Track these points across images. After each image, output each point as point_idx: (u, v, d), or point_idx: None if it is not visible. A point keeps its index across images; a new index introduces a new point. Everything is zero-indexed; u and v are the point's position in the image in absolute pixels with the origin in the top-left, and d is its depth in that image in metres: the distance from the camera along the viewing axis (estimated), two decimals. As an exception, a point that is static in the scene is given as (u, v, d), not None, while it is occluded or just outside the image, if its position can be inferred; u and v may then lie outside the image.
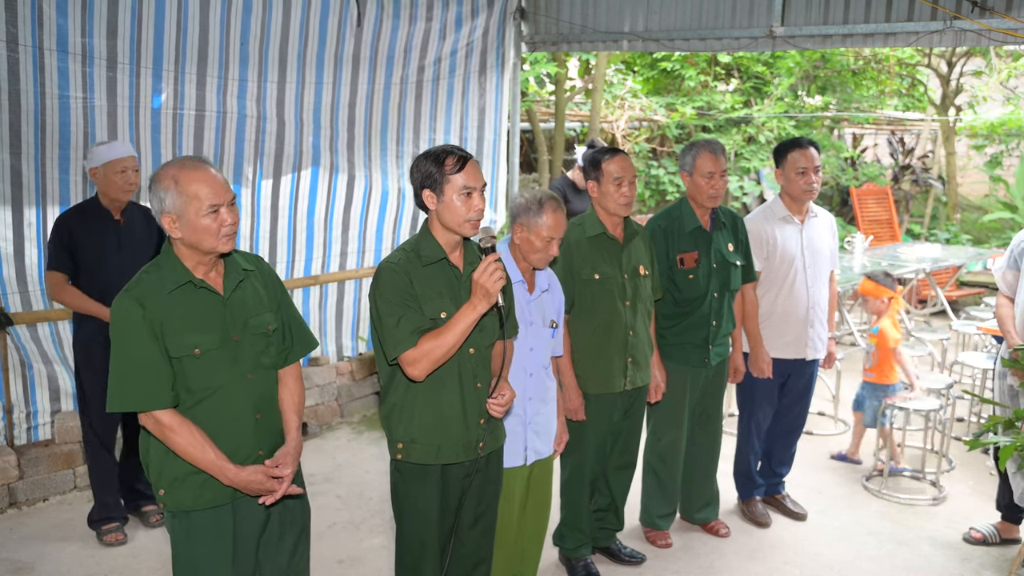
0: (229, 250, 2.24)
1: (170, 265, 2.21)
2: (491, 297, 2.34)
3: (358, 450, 4.95)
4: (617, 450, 3.55)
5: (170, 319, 2.17)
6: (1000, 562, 3.75)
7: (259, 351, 2.32)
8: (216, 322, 2.23)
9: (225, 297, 2.27)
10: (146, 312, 2.14)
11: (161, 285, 2.18)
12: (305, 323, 2.52)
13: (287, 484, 2.33)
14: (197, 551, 2.30)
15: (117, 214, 3.65)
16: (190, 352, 2.18)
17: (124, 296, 2.16)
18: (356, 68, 5.30)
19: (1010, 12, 4.63)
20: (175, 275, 2.20)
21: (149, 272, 2.21)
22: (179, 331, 2.17)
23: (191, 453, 2.19)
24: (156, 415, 2.17)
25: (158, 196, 2.16)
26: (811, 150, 3.78)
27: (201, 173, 2.17)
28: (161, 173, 2.18)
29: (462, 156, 2.41)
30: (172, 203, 2.15)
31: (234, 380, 2.25)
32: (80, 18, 4.06)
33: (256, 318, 2.31)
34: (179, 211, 2.15)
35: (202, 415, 2.22)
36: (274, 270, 2.49)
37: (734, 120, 11.25)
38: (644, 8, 5.85)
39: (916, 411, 4.45)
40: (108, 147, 3.60)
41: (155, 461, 2.27)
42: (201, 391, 2.21)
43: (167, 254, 2.24)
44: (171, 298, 2.18)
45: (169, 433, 2.18)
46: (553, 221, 2.86)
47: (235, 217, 2.22)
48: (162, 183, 2.16)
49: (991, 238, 10.89)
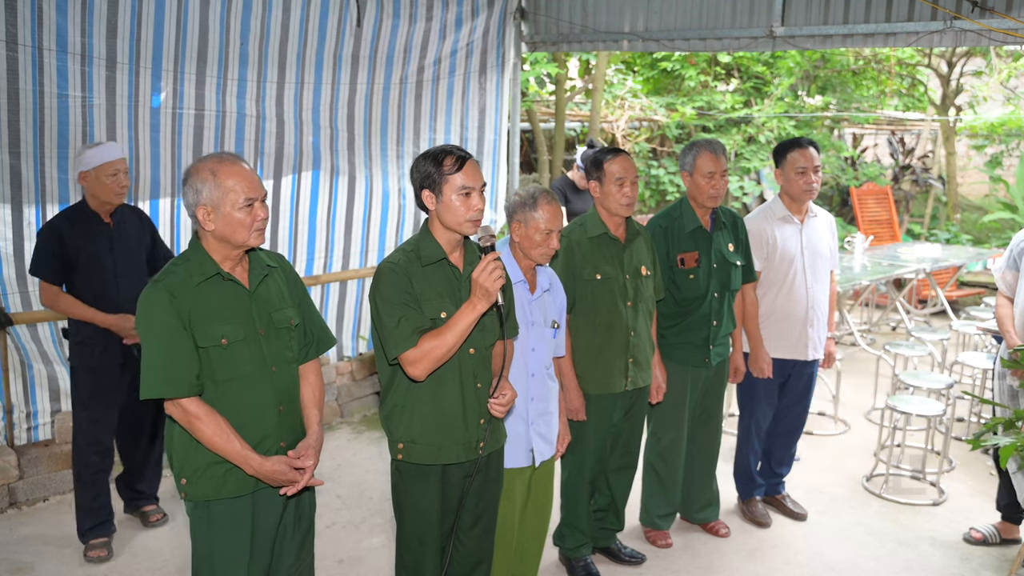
0: (259, 244, 2.31)
1: (199, 258, 2.26)
2: (490, 296, 2.35)
3: (358, 450, 4.95)
4: (618, 450, 3.55)
5: (198, 309, 2.22)
6: (1000, 562, 3.75)
7: (282, 345, 2.36)
8: (242, 314, 2.29)
9: (251, 291, 2.32)
10: (175, 302, 2.19)
11: (190, 277, 2.24)
12: (324, 321, 2.57)
13: (308, 475, 2.36)
14: (217, 542, 2.33)
15: (107, 217, 3.57)
16: (217, 342, 2.23)
17: (153, 287, 2.21)
18: (355, 68, 5.30)
19: (1010, 12, 4.63)
20: (203, 268, 2.25)
21: (178, 264, 2.27)
22: (207, 321, 2.22)
23: (216, 442, 2.22)
24: (183, 403, 2.21)
25: (194, 188, 2.21)
26: (811, 150, 3.78)
27: (238, 168, 2.24)
28: (198, 166, 2.23)
29: (461, 156, 2.41)
30: (208, 195, 2.20)
31: (258, 372, 2.30)
32: (80, 17, 4.05)
33: (279, 313, 2.37)
34: (215, 203, 2.20)
35: (227, 406, 2.26)
36: (294, 269, 2.54)
37: (734, 120, 11.25)
38: (644, 8, 5.85)
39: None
40: (98, 150, 3.49)
41: (179, 451, 2.30)
42: (226, 382, 2.25)
43: (195, 248, 2.29)
44: (199, 290, 2.24)
45: (195, 421, 2.21)
46: (549, 213, 2.86)
47: (266, 213, 2.28)
48: (199, 175, 2.21)
49: (991, 238, 10.88)
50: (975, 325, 5.87)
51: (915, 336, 5.83)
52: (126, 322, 3.54)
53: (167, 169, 4.58)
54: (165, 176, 4.58)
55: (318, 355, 2.53)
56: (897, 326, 8.00)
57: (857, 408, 5.69)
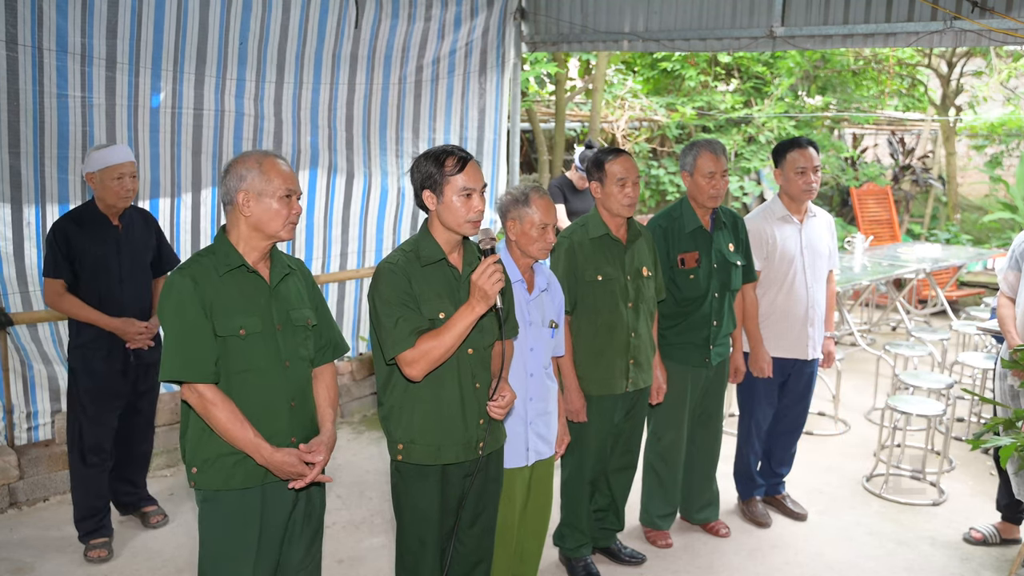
0: (289, 239, 2.38)
1: (224, 250, 2.33)
2: (489, 299, 2.35)
3: (358, 450, 4.95)
4: (618, 451, 3.55)
5: (220, 299, 2.27)
6: (1000, 562, 3.75)
7: (298, 342, 2.40)
8: (262, 308, 2.34)
9: (272, 286, 2.37)
10: (198, 289, 2.25)
11: (214, 267, 2.30)
12: (339, 329, 2.63)
13: (318, 471, 2.38)
14: (224, 534, 2.35)
15: (115, 219, 3.56)
16: (236, 332, 2.27)
17: (178, 273, 2.28)
18: (354, 67, 5.29)
19: (1010, 12, 4.63)
20: (228, 259, 2.31)
21: (203, 255, 2.34)
22: (227, 311, 2.27)
23: (230, 429, 2.26)
24: (200, 388, 2.25)
25: (238, 174, 2.29)
26: (810, 150, 3.78)
27: (281, 163, 2.35)
28: (245, 156, 2.33)
29: (463, 157, 2.41)
30: (252, 181, 2.29)
31: (272, 366, 2.34)
32: (80, 18, 4.05)
33: (297, 311, 2.41)
34: (259, 190, 2.29)
35: (241, 397, 2.30)
36: (312, 275, 2.59)
37: (734, 120, 11.25)
38: (644, 8, 5.85)
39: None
40: (105, 152, 3.47)
41: (191, 439, 2.34)
42: (241, 373, 2.30)
43: (221, 240, 2.35)
44: (222, 280, 2.29)
45: (211, 407, 2.25)
46: (542, 207, 2.87)
47: (300, 209, 2.37)
48: (247, 164, 2.31)
49: (991, 238, 10.88)
50: (975, 325, 5.87)
51: (915, 336, 5.83)
52: (130, 326, 3.53)
53: (167, 169, 4.57)
54: (165, 176, 4.57)
55: (333, 359, 2.56)
56: (897, 326, 8.00)
57: (857, 408, 5.69)
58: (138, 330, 3.56)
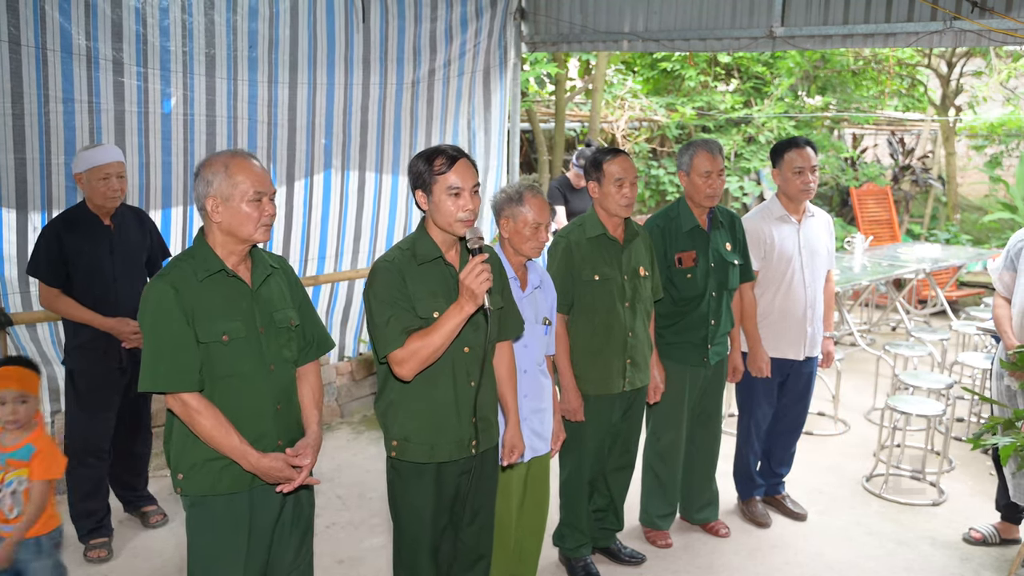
0: (264, 240, 2.33)
1: (203, 254, 2.29)
2: (477, 299, 2.34)
3: (358, 450, 4.95)
4: (616, 451, 3.55)
5: (201, 305, 2.24)
6: (1000, 562, 3.75)
7: (282, 344, 2.38)
8: (244, 312, 2.30)
9: (253, 289, 2.34)
10: (179, 296, 2.21)
11: (194, 273, 2.26)
12: (323, 325, 2.59)
13: (305, 474, 2.37)
14: (213, 539, 2.34)
15: (107, 220, 3.54)
16: (218, 338, 2.24)
17: (158, 280, 2.24)
18: (367, 70, 5.27)
19: (1010, 12, 4.63)
20: (208, 264, 2.28)
21: (182, 260, 2.30)
22: (209, 317, 2.24)
23: (215, 437, 2.24)
24: (184, 397, 2.22)
25: (205, 179, 2.25)
26: (808, 150, 3.78)
27: (250, 163, 2.30)
28: (212, 159, 2.29)
29: (452, 155, 2.39)
30: (219, 186, 2.24)
31: (257, 370, 2.31)
32: (83, 19, 4.02)
33: (280, 312, 2.38)
34: (225, 195, 2.24)
35: (225, 402, 2.27)
36: (295, 272, 2.56)
37: (734, 120, 11.25)
38: (644, 8, 5.85)
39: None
40: (93, 152, 3.44)
41: (176, 446, 2.31)
42: (225, 378, 2.27)
43: (200, 244, 2.31)
44: (203, 286, 2.26)
45: (195, 415, 2.23)
46: (536, 206, 2.88)
47: (274, 209, 2.32)
48: (212, 168, 2.26)
49: (991, 238, 10.88)
50: (975, 325, 5.87)
51: (915, 336, 5.83)
52: (125, 325, 3.52)
53: (179, 178, 4.51)
54: (177, 184, 4.52)
55: (317, 357, 2.54)
56: (897, 326, 8.00)
57: (857, 408, 5.69)
58: (133, 329, 3.54)
